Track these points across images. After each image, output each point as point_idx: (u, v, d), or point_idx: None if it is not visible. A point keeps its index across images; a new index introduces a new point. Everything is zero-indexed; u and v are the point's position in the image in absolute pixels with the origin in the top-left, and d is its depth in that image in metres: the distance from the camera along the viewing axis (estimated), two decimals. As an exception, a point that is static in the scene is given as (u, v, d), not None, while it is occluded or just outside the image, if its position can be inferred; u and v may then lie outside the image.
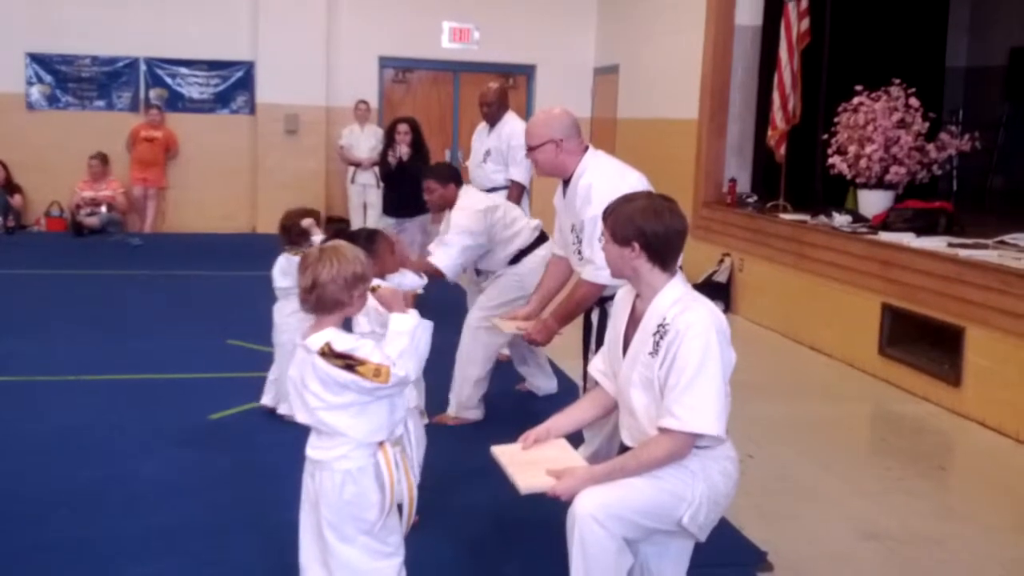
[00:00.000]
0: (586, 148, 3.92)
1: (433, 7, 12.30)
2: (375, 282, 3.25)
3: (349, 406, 2.61)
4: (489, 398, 5.12)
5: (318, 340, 2.58)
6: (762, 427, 5.13)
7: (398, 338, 2.64)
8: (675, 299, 2.70)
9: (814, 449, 4.92)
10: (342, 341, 2.59)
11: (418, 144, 7.55)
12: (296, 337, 2.75)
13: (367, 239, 3.66)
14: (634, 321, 2.81)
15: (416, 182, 7.38)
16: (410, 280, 3.96)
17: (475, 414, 5.06)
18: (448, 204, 5.23)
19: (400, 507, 2.74)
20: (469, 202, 5.16)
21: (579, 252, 3.89)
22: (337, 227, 4.27)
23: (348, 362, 2.55)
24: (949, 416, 5.57)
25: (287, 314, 4.77)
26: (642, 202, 2.78)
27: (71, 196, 11.48)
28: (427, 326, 2.73)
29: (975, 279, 5.48)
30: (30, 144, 11.48)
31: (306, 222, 4.83)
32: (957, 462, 5.13)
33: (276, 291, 4.92)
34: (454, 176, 5.28)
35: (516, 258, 5.14)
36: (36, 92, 11.67)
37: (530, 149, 3.94)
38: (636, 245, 2.71)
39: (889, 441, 5.35)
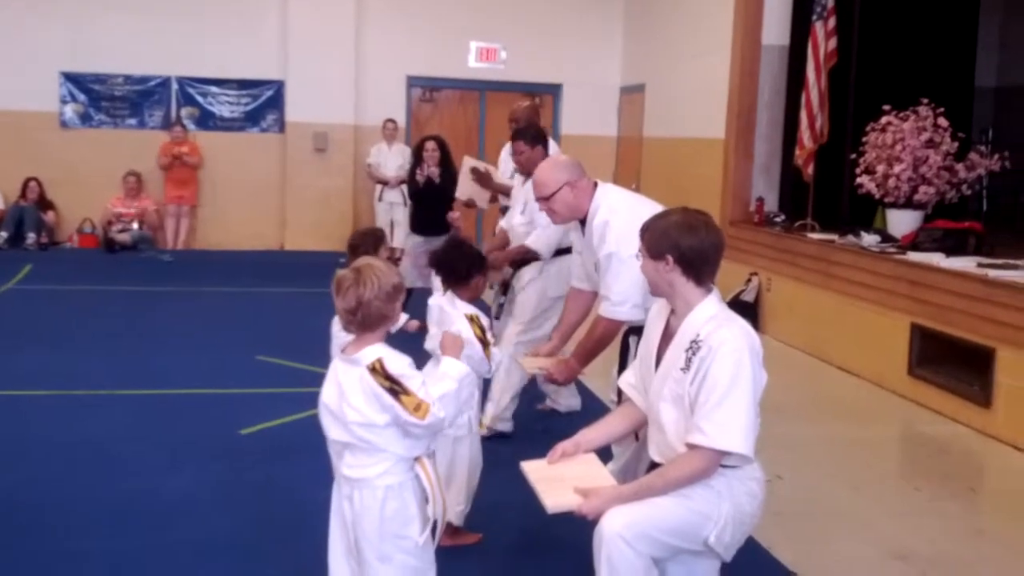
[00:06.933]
0: (595, 185, 3.92)
1: (460, 27, 12.40)
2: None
3: (389, 426, 2.57)
4: (515, 416, 5.14)
5: (369, 355, 2.56)
6: (790, 447, 5.10)
7: (446, 381, 2.63)
8: (710, 316, 2.70)
9: (843, 470, 4.89)
10: (395, 363, 2.56)
11: (445, 162, 7.61)
12: (335, 351, 2.74)
13: (479, 263, 3.67)
14: (667, 337, 2.82)
15: (443, 200, 7.49)
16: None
17: (507, 426, 5.11)
18: (534, 167, 5.20)
19: (434, 522, 2.72)
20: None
21: None
22: (452, 236, 4.12)
23: (394, 387, 2.52)
24: (979, 437, 5.51)
25: (341, 327, 4.80)
26: (677, 217, 2.80)
27: (103, 213, 11.64)
28: (473, 379, 2.73)
29: (1005, 299, 5.44)
30: (63, 162, 11.67)
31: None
32: (988, 484, 5.08)
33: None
34: (543, 139, 5.24)
35: (559, 252, 5.09)
36: (70, 111, 11.86)
37: (546, 199, 3.87)
38: (670, 258, 2.72)
39: (919, 462, 5.31)
